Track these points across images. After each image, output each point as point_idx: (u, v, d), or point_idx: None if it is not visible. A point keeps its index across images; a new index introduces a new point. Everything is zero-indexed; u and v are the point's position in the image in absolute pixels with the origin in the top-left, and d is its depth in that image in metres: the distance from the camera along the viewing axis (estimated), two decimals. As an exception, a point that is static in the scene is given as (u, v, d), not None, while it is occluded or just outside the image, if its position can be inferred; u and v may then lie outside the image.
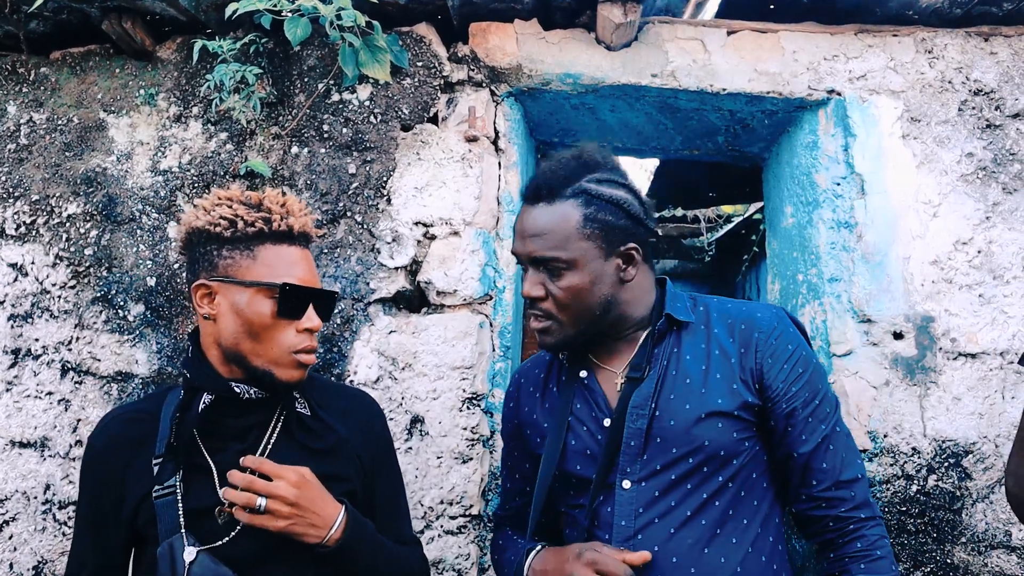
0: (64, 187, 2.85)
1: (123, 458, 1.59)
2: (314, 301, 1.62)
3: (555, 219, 1.61)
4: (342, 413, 1.74)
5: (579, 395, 1.73)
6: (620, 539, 1.56)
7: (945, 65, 2.85)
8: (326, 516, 1.53)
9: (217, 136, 2.85)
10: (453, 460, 2.64)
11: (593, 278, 1.61)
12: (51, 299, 2.79)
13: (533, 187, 1.67)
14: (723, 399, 1.57)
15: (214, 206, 1.60)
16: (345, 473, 1.68)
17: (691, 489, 1.56)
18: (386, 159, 2.79)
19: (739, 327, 1.64)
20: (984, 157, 2.79)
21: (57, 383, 2.74)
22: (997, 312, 2.69)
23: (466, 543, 2.62)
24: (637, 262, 1.67)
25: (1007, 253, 2.73)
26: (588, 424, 1.68)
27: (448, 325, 2.71)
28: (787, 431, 1.58)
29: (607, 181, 1.66)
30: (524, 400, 1.89)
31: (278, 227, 1.59)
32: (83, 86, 2.94)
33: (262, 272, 1.56)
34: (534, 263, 1.64)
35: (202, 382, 1.58)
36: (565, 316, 1.63)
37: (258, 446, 1.61)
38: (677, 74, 2.84)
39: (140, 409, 1.66)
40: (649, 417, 1.58)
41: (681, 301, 1.73)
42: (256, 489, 1.48)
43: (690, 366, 1.62)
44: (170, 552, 1.47)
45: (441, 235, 2.77)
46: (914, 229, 2.73)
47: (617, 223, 1.62)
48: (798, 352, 1.61)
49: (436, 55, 2.85)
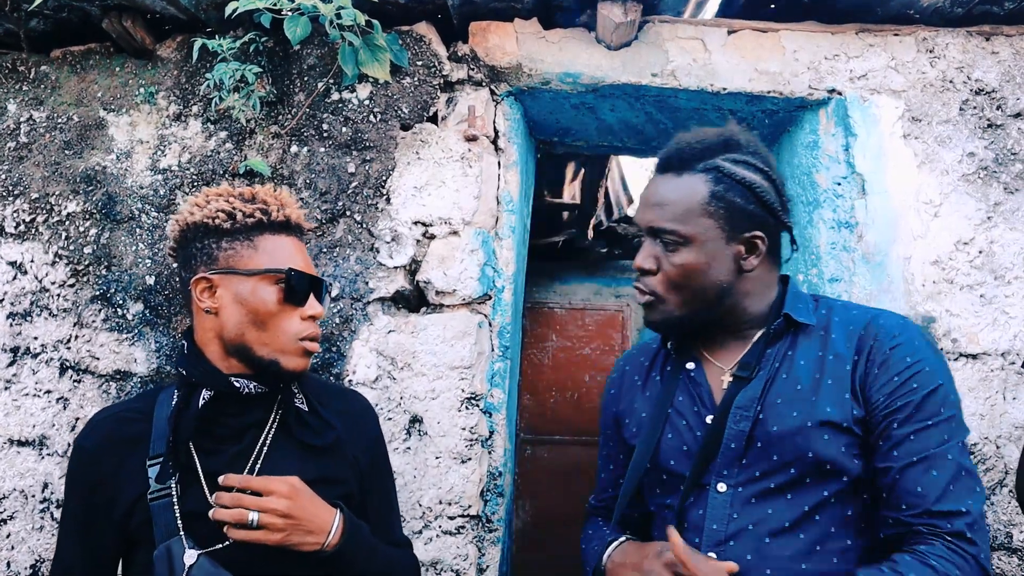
0: (64, 185, 2.85)
1: (115, 458, 1.56)
2: (314, 290, 1.63)
3: (679, 191, 1.54)
4: (338, 413, 1.73)
5: (683, 387, 1.65)
6: (710, 544, 1.49)
7: (946, 64, 2.85)
8: (321, 522, 1.52)
9: (217, 135, 2.85)
10: (452, 460, 2.63)
11: (709, 259, 1.52)
12: (50, 297, 2.79)
13: (664, 156, 1.60)
14: (833, 409, 1.46)
15: (209, 201, 1.60)
16: (342, 475, 1.67)
17: (791, 500, 1.46)
18: (385, 158, 2.79)
19: (858, 333, 1.51)
20: (985, 157, 2.78)
21: (56, 381, 2.74)
22: (998, 312, 2.68)
23: (464, 543, 2.61)
24: (761, 252, 1.57)
25: (1008, 253, 2.72)
26: (688, 419, 1.61)
27: (447, 325, 2.70)
28: (879, 445, 1.44)
29: (744, 163, 1.56)
30: (625, 388, 1.83)
31: (276, 217, 1.61)
32: (83, 84, 2.94)
33: (264, 260, 1.57)
34: (651, 234, 1.57)
35: (201, 378, 1.57)
36: (674, 295, 1.56)
37: (255, 446, 1.60)
38: (677, 73, 2.84)
39: (131, 408, 1.64)
40: (753, 420, 1.50)
41: (803, 302, 1.61)
42: (246, 505, 1.46)
43: (802, 371, 1.51)
44: (167, 555, 1.45)
45: (440, 235, 2.76)
46: (915, 229, 2.72)
47: (745, 207, 1.53)
48: (916, 367, 1.45)
49: (436, 54, 2.85)
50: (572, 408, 7.17)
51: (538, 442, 7.10)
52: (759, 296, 1.60)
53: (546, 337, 7.21)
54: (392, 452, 2.64)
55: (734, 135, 1.60)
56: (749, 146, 1.60)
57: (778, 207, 1.58)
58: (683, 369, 1.66)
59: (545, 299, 7.30)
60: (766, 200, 1.55)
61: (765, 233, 1.56)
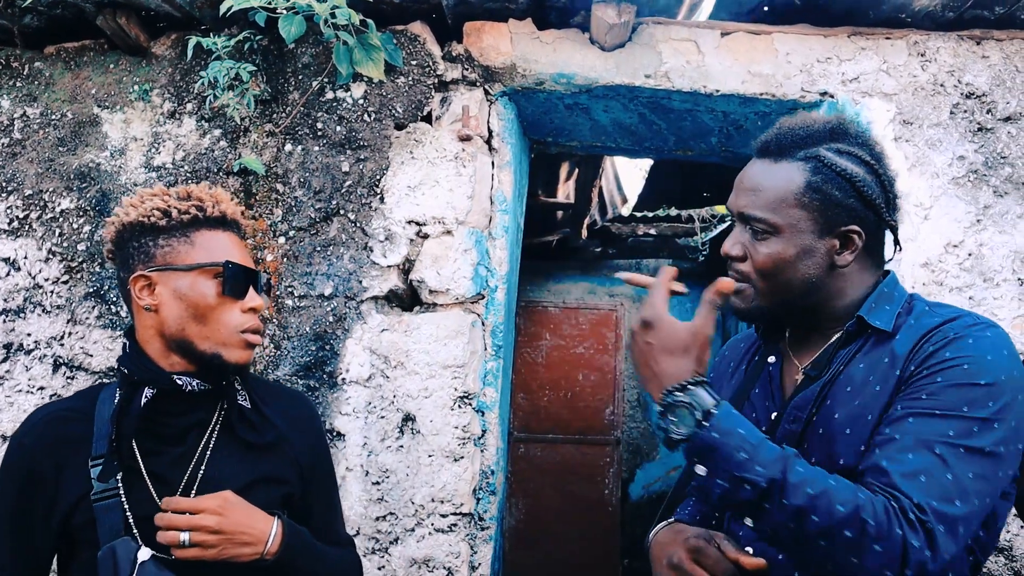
0: (57, 182, 2.85)
1: (55, 458, 1.54)
2: (253, 283, 1.63)
3: (774, 178, 1.47)
4: (281, 413, 1.73)
5: (762, 380, 1.61)
6: (748, 539, 1.47)
7: (937, 68, 2.86)
8: (258, 533, 1.51)
9: (211, 133, 2.85)
10: (444, 458, 2.64)
11: (799, 252, 1.45)
12: (43, 294, 2.79)
13: (764, 140, 1.53)
14: (873, 415, 1.36)
15: (144, 200, 1.61)
16: (284, 475, 1.67)
17: None
18: (379, 157, 2.79)
19: (919, 333, 1.40)
20: (975, 160, 2.80)
21: (49, 378, 2.74)
22: (987, 315, 2.70)
23: (457, 541, 2.62)
24: (856, 248, 1.47)
25: (997, 256, 2.74)
26: (758, 412, 1.57)
27: (440, 324, 2.71)
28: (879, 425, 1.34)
29: (847, 154, 1.47)
30: (719, 372, 1.80)
31: (211, 213, 1.62)
32: (77, 81, 2.94)
33: (201, 255, 1.58)
34: (741, 220, 1.51)
35: (142, 375, 1.55)
36: (762, 284, 1.49)
37: (197, 447, 1.60)
38: (671, 75, 2.85)
39: (71, 407, 1.61)
40: (805, 422, 1.44)
41: (892, 304, 1.49)
42: (177, 525, 1.45)
43: (857, 374, 1.43)
44: (112, 556, 1.45)
45: (434, 234, 2.77)
46: (906, 232, 2.74)
47: (843, 201, 1.44)
48: (954, 363, 1.31)
49: (430, 54, 2.85)
50: (565, 407, 7.19)
51: (531, 441, 7.12)
52: (849, 294, 1.52)
53: (540, 336, 7.23)
54: (385, 450, 2.65)
55: (842, 123, 1.52)
56: (858, 137, 1.52)
57: (881, 203, 1.48)
58: (766, 362, 1.63)
59: (539, 298, 7.31)
60: (866, 194, 1.45)
61: (863, 229, 1.47)
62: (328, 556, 1.68)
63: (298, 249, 2.76)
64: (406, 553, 2.62)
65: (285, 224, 2.77)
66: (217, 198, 1.65)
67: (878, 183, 1.48)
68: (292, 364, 2.69)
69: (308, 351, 2.70)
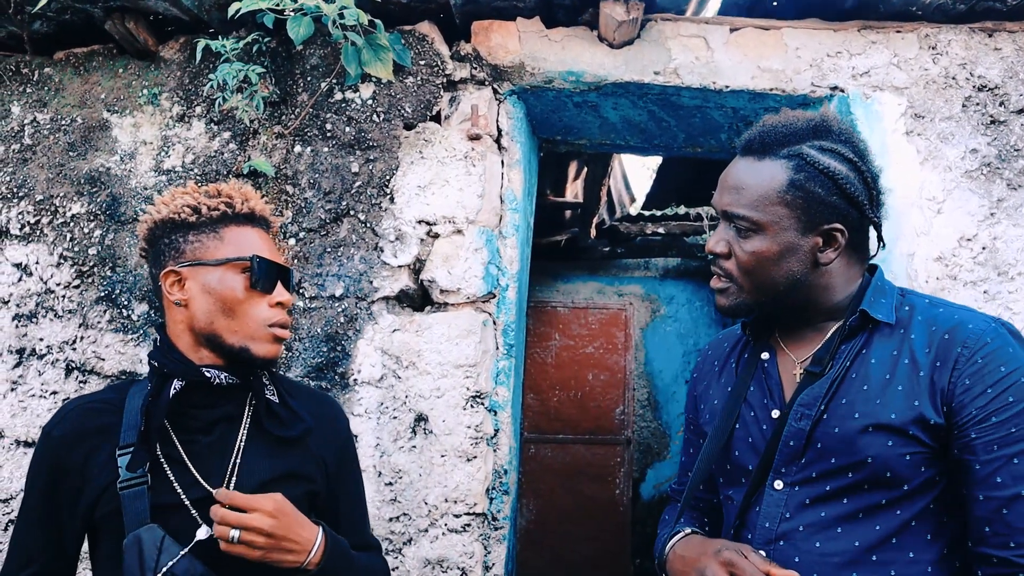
0: (68, 187, 2.85)
1: (85, 448, 1.56)
2: (281, 279, 1.66)
3: (757, 177, 1.48)
4: (308, 410, 1.73)
5: (756, 378, 1.59)
6: (761, 541, 1.44)
7: (949, 61, 2.85)
8: (304, 541, 1.51)
9: (220, 135, 2.85)
10: (457, 458, 2.64)
11: (782, 249, 1.46)
12: (55, 299, 2.79)
13: (747, 138, 1.54)
14: (897, 414, 1.36)
15: (175, 198, 1.64)
16: (309, 472, 1.67)
17: (848, 505, 1.39)
18: (389, 158, 2.79)
19: (941, 336, 1.40)
20: (988, 153, 2.78)
21: (62, 383, 2.75)
22: (1002, 308, 2.68)
23: (470, 541, 2.62)
24: (839, 245, 1.48)
25: (1012, 249, 2.72)
26: (757, 411, 1.55)
27: (451, 323, 2.71)
28: (974, 467, 1.31)
29: (830, 151, 1.48)
30: (704, 373, 1.78)
31: (240, 209, 1.64)
32: (86, 86, 2.95)
33: (230, 250, 1.60)
34: (724, 217, 1.52)
35: (172, 367, 1.57)
36: (745, 281, 1.50)
37: (226, 439, 1.60)
38: (680, 71, 2.84)
39: (102, 399, 1.63)
40: (815, 419, 1.43)
41: (887, 297, 1.51)
42: (229, 522, 1.45)
43: (873, 371, 1.43)
44: (138, 543, 1.45)
45: (444, 233, 2.77)
46: (918, 226, 2.72)
47: (826, 199, 1.45)
48: (1014, 377, 1.32)
49: (439, 53, 2.85)
50: (575, 407, 7.18)
51: (541, 441, 7.11)
52: (836, 289, 1.53)
53: (549, 336, 7.22)
54: (397, 451, 2.65)
55: (825, 120, 1.53)
56: (841, 134, 1.52)
57: (864, 200, 1.48)
58: (758, 359, 1.61)
59: (548, 298, 7.30)
60: (849, 192, 1.46)
61: (846, 226, 1.48)
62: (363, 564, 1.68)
63: (308, 250, 2.75)
64: (420, 554, 2.62)
65: (295, 225, 2.77)
66: (246, 195, 1.68)
67: (861, 180, 1.49)
68: (304, 365, 2.69)
69: (320, 352, 2.70)
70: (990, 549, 1.29)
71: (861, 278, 1.54)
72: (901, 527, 1.37)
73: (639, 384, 7.39)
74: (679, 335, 7.51)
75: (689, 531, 1.62)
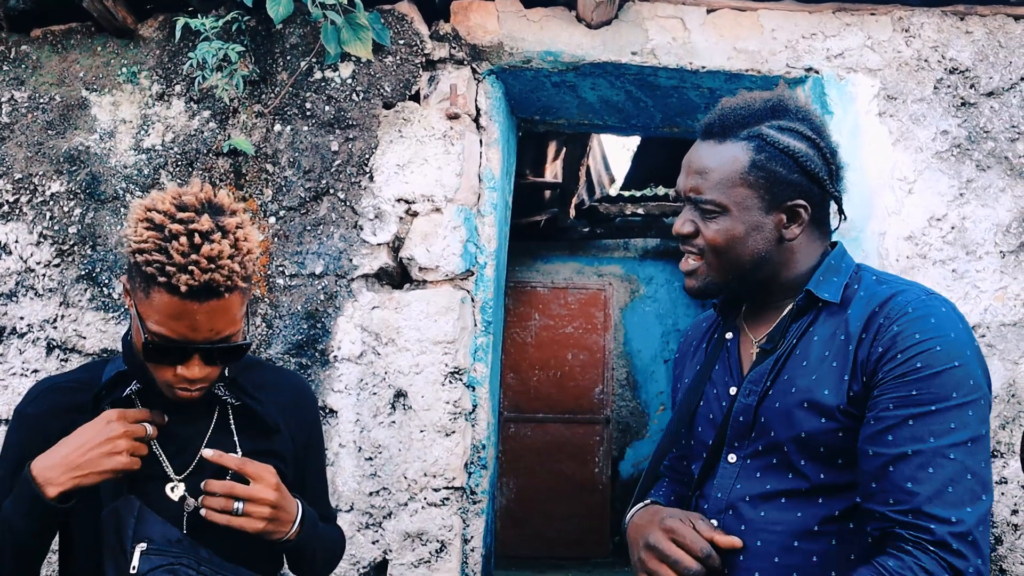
0: (47, 165, 2.85)
1: (59, 424, 1.52)
2: (201, 352, 1.46)
3: (719, 159, 1.49)
4: (275, 401, 1.70)
5: (721, 357, 1.63)
6: (713, 511, 1.48)
7: (921, 44, 2.89)
8: (292, 513, 1.54)
9: (200, 114, 2.86)
10: (436, 433, 2.67)
11: (747, 229, 1.48)
12: (35, 277, 2.80)
13: (708, 121, 1.54)
14: (829, 391, 1.38)
15: (145, 217, 1.41)
16: (283, 451, 1.67)
17: (791, 479, 1.42)
18: (368, 136, 2.81)
19: (871, 310, 1.41)
20: (959, 135, 2.83)
21: (43, 361, 2.76)
22: (969, 287, 2.74)
23: (449, 515, 2.66)
24: (803, 222, 1.50)
25: (980, 229, 2.78)
26: (719, 388, 1.59)
27: (430, 301, 2.74)
28: (869, 423, 1.33)
29: (789, 130, 1.50)
30: (684, 352, 1.82)
31: (174, 282, 1.37)
32: (64, 64, 2.94)
33: (145, 310, 1.41)
34: (688, 201, 1.54)
35: (131, 368, 1.53)
36: (712, 262, 1.52)
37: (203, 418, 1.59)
38: (657, 52, 2.87)
39: (75, 379, 1.60)
40: (760, 395, 1.46)
41: (839, 276, 1.52)
42: (236, 494, 1.44)
43: (814, 348, 1.45)
44: (116, 515, 1.45)
45: (423, 212, 2.79)
46: (889, 205, 2.78)
47: (788, 176, 1.47)
48: (927, 345, 1.33)
49: (418, 33, 2.86)
50: (555, 386, 7.24)
51: (521, 420, 7.17)
52: (798, 266, 1.55)
53: (529, 316, 7.26)
54: (377, 426, 2.68)
55: (783, 100, 1.54)
56: (798, 112, 1.54)
57: (824, 176, 1.51)
58: (724, 339, 1.65)
59: (528, 278, 7.34)
60: (809, 169, 1.49)
61: (809, 202, 1.51)
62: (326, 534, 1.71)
63: (288, 228, 2.77)
64: (400, 527, 2.66)
65: (275, 204, 2.79)
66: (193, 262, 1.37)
67: (820, 156, 1.51)
68: (284, 343, 2.71)
69: (300, 329, 2.72)
70: (874, 505, 1.31)
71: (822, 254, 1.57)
72: (840, 498, 1.40)
73: (618, 364, 7.45)
74: (658, 315, 7.57)
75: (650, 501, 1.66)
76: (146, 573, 1.41)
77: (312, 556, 1.67)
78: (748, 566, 1.42)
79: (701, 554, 1.35)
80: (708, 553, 1.35)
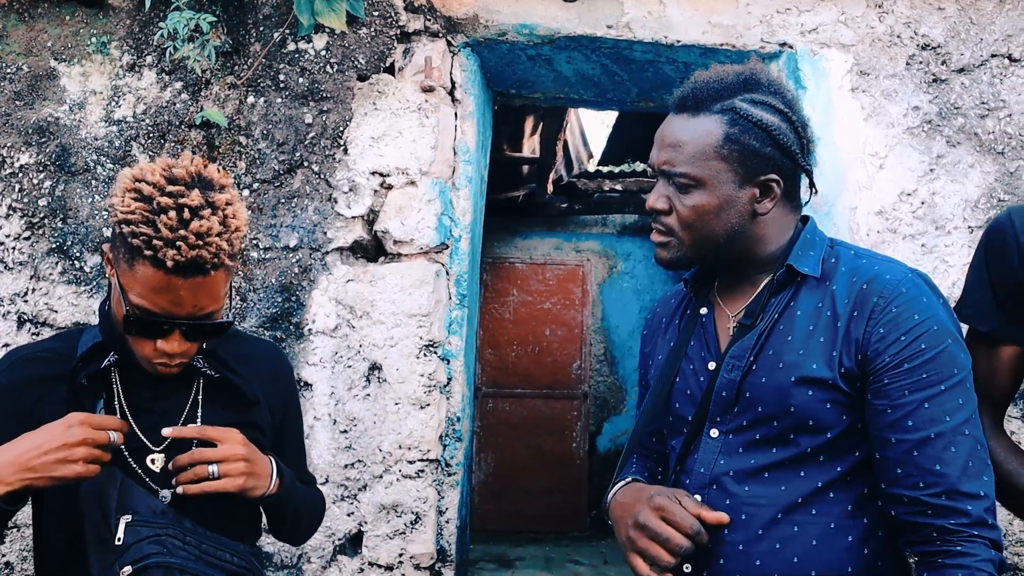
0: (15, 137, 2.82)
1: (35, 393, 1.52)
2: (182, 327, 1.46)
3: (693, 133, 1.49)
4: (254, 372, 1.71)
5: (696, 332, 1.64)
6: (696, 486, 1.50)
7: (894, 20, 2.91)
8: (267, 467, 1.55)
9: (172, 85, 2.83)
10: (411, 406, 2.69)
11: (721, 202, 1.49)
12: (5, 251, 2.77)
13: (680, 95, 1.54)
14: (819, 365, 1.42)
15: (133, 187, 1.40)
16: (261, 423, 1.68)
17: (776, 453, 1.44)
18: (342, 109, 2.79)
19: (860, 287, 1.45)
20: (930, 111, 2.86)
21: (14, 335, 2.74)
22: (939, 261, 2.78)
23: (424, 487, 2.68)
24: (776, 196, 1.52)
25: (949, 204, 2.81)
26: (696, 364, 1.60)
27: (405, 274, 2.74)
28: (887, 411, 1.37)
29: (762, 104, 1.51)
30: (653, 331, 1.83)
31: (161, 256, 1.37)
32: (32, 33, 2.90)
33: (128, 281, 1.41)
34: (663, 175, 1.54)
35: (108, 339, 1.52)
36: (686, 235, 1.53)
37: (182, 390, 1.60)
38: (632, 25, 2.87)
39: (49, 349, 1.58)
40: (744, 370, 1.48)
41: (816, 249, 1.55)
42: (207, 458, 1.45)
43: (798, 323, 1.48)
44: (98, 487, 1.45)
45: (398, 185, 2.79)
46: (861, 180, 2.80)
47: (761, 150, 1.49)
48: (926, 326, 1.38)
49: (392, 4, 2.84)
50: (533, 362, 7.27)
51: (499, 395, 7.20)
52: (772, 240, 1.57)
53: (507, 292, 7.28)
54: (352, 399, 2.69)
55: (755, 74, 1.55)
56: (770, 86, 1.55)
57: (796, 150, 1.53)
58: (698, 314, 1.66)
59: (506, 254, 7.35)
60: (782, 142, 1.50)
61: (781, 176, 1.52)
62: (306, 493, 1.73)
63: (262, 201, 2.76)
64: (375, 499, 2.68)
65: (249, 176, 2.77)
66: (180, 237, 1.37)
67: (792, 130, 1.53)
68: (258, 316, 2.71)
69: (274, 302, 2.72)
70: (901, 489, 1.35)
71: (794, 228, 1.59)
72: (824, 471, 1.43)
73: (596, 339, 7.49)
74: (636, 291, 7.61)
75: (631, 479, 1.67)
76: (132, 545, 1.41)
77: (295, 515, 1.69)
78: (733, 539, 1.44)
79: (690, 531, 1.37)
80: (697, 530, 1.37)
